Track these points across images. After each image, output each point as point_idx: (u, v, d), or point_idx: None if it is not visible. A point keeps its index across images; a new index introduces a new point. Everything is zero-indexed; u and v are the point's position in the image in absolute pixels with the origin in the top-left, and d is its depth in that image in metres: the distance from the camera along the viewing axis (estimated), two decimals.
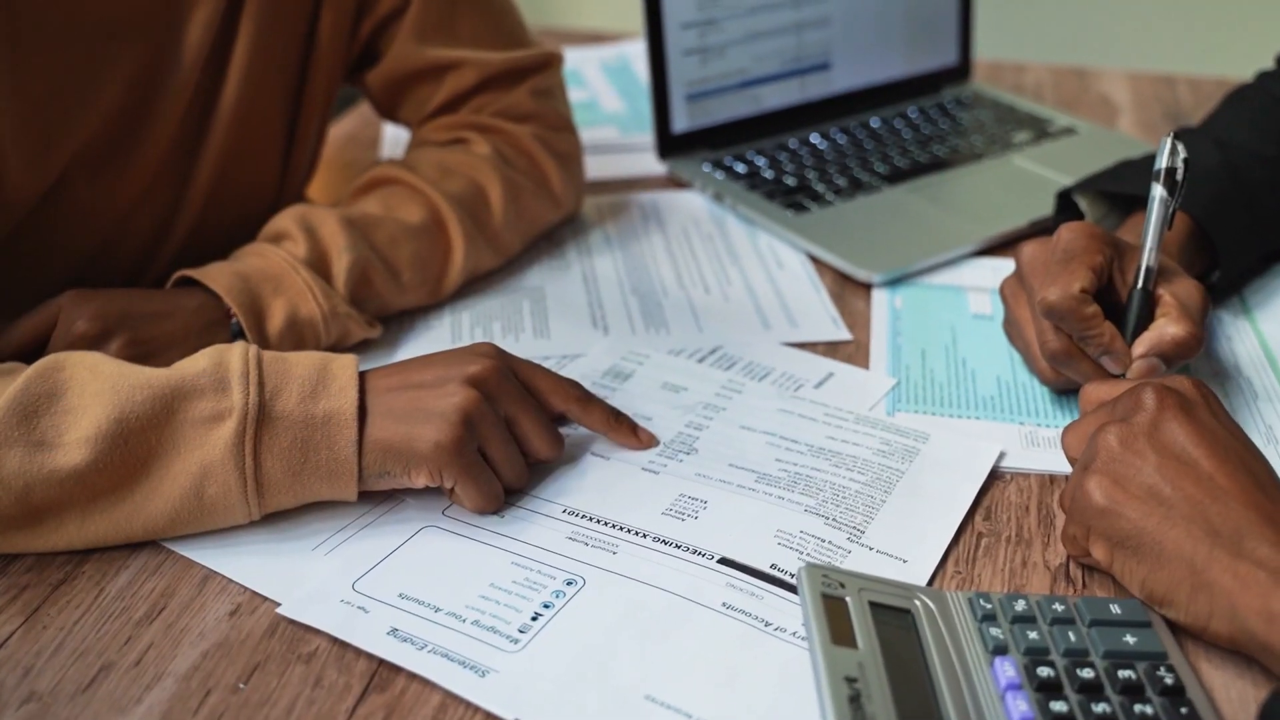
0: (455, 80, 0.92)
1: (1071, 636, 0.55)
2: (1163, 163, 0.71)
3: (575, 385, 0.70)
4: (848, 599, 0.55)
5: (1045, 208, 0.93)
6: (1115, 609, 0.56)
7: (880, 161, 1.06)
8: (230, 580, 0.62)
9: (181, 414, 0.61)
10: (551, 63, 0.96)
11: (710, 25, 1.06)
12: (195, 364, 0.63)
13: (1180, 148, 0.71)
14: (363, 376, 0.65)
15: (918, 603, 0.56)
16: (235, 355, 0.63)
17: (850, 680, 0.50)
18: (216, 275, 0.76)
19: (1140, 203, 0.79)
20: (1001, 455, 0.70)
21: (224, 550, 0.63)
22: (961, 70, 1.23)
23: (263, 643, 0.58)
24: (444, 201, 0.85)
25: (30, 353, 0.72)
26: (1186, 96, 1.24)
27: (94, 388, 0.61)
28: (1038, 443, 0.72)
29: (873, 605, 0.55)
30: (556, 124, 0.95)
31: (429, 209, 0.85)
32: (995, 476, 0.69)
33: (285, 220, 0.81)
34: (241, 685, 0.55)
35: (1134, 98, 1.24)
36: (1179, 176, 0.71)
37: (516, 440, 0.67)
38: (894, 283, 0.89)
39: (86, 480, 0.60)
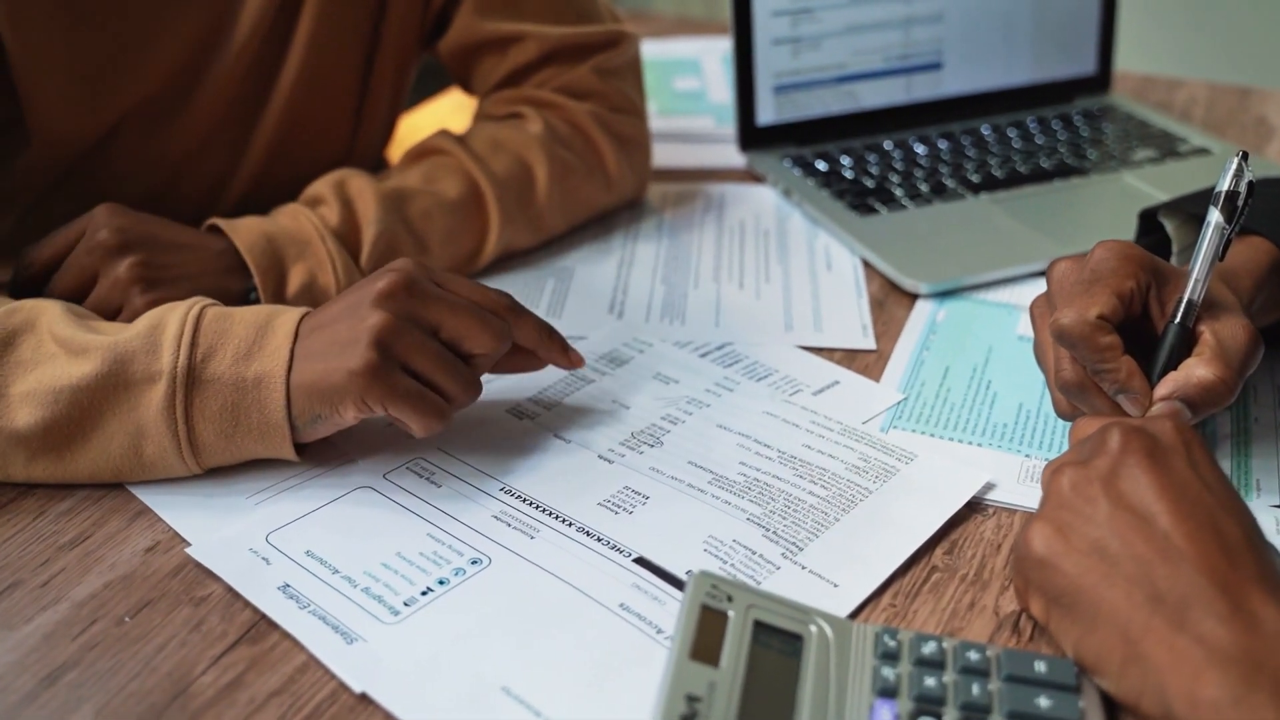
0: (518, 53, 0.91)
1: (975, 689, 0.48)
2: (1224, 185, 0.63)
3: (504, 295, 0.66)
4: (730, 613, 0.50)
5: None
6: (1040, 666, 0.50)
7: (975, 170, 0.99)
8: (160, 518, 0.62)
9: (117, 376, 0.61)
10: (620, 41, 0.93)
11: (804, 15, 1.01)
12: (136, 326, 0.63)
13: (1247, 170, 0.63)
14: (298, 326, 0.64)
15: (814, 629, 0.51)
16: (174, 317, 0.63)
17: (692, 699, 0.46)
18: (244, 231, 0.76)
19: (1240, 230, 0.70)
20: (989, 487, 0.64)
21: (166, 491, 0.64)
22: (1100, 80, 1.13)
23: (164, 581, 0.58)
24: (486, 178, 0.84)
25: (58, 264, 0.74)
26: None
27: (48, 349, 0.62)
28: (1037, 477, 0.64)
29: (758, 624, 0.50)
30: (620, 105, 0.93)
31: (469, 184, 0.84)
32: (976, 509, 0.63)
33: (324, 186, 0.82)
34: (127, 619, 0.56)
35: None
36: (1240, 202, 0.63)
37: (451, 346, 0.63)
38: (944, 295, 0.83)
39: (25, 440, 0.61)
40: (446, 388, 0.63)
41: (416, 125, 1.19)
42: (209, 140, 0.85)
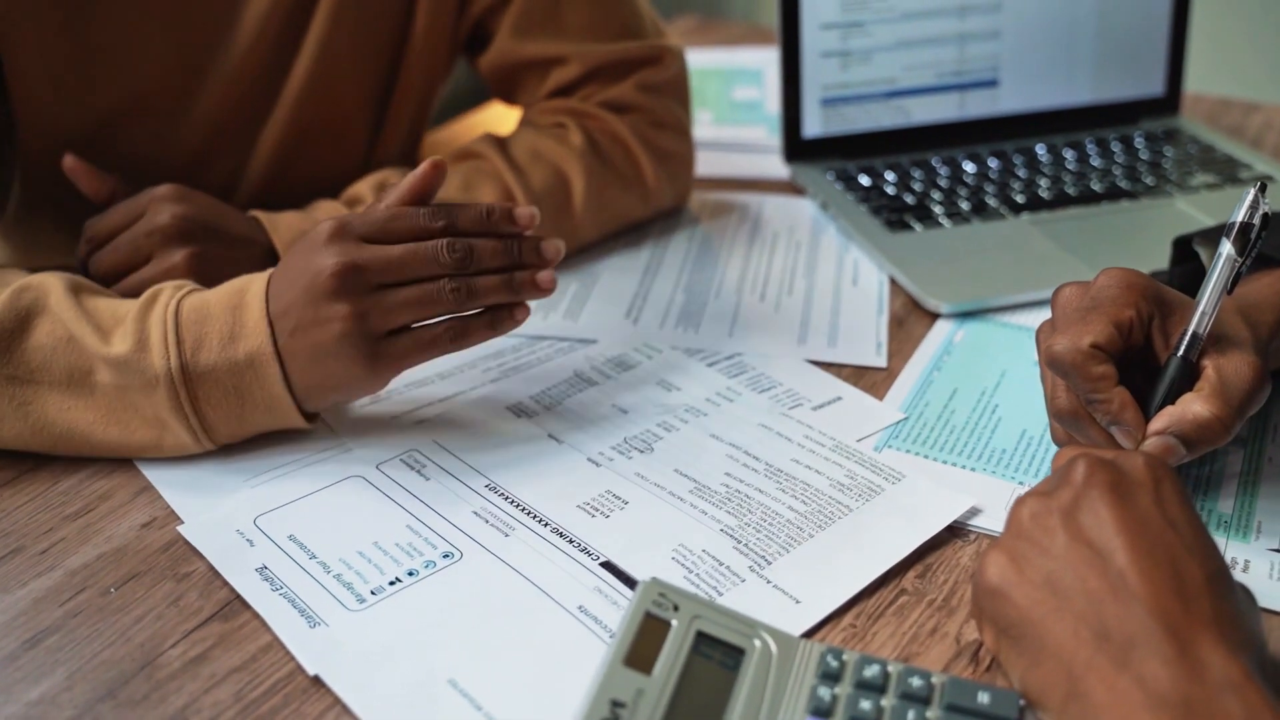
0: (560, 73, 0.91)
1: (910, 716, 0.48)
2: (1239, 216, 0.61)
3: (439, 210, 0.65)
4: (673, 623, 0.50)
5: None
6: (983, 698, 0.49)
7: (1022, 190, 0.97)
8: (160, 495, 0.65)
9: (123, 383, 0.64)
10: (663, 57, 0.93)
11: (855, 28, 1.00)
12: (126, 338, 0.64)
13: (1263, 202, 0.61)
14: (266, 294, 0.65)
15: (758, 643, 0.51)
16: (155, 320, 0.64)
17: (616, 704, 0.46)
18: (284, 229, 0.78)
19: (1273, 262, 0.68)
20: (974, 512, 0.63)
21: (171, 467, 0.66)
22: (1167, 102, 1.10)
23: (153, 556, 0.61)
24: (521, 190, 0.84)
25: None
26: None
27: (61, 332, 0.64)
28: None
29: (700, 635, 0.50)
30: (662, 120, 0.93)
31: (504, 194, 0.85)
32: (958, 534, 0.62)
33: (364, 186, 0.84)
34: (113, 590, 0.58)
35: None
36: (1254, 234, 0.61)
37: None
38: (966, 315, 0.82)
39: (53, 430, 0.65)
40: (439, 311, 0.64)
41: (473, 126, 1.21)
42: (213, 143, 0.85)
